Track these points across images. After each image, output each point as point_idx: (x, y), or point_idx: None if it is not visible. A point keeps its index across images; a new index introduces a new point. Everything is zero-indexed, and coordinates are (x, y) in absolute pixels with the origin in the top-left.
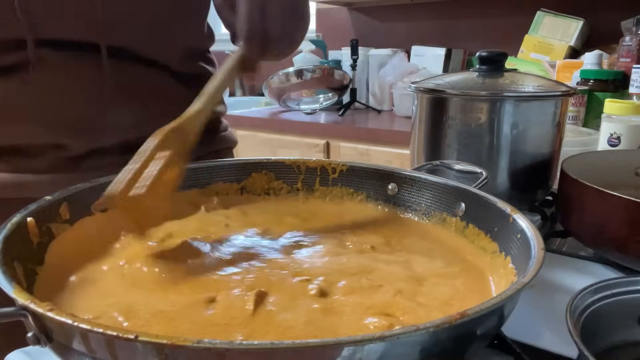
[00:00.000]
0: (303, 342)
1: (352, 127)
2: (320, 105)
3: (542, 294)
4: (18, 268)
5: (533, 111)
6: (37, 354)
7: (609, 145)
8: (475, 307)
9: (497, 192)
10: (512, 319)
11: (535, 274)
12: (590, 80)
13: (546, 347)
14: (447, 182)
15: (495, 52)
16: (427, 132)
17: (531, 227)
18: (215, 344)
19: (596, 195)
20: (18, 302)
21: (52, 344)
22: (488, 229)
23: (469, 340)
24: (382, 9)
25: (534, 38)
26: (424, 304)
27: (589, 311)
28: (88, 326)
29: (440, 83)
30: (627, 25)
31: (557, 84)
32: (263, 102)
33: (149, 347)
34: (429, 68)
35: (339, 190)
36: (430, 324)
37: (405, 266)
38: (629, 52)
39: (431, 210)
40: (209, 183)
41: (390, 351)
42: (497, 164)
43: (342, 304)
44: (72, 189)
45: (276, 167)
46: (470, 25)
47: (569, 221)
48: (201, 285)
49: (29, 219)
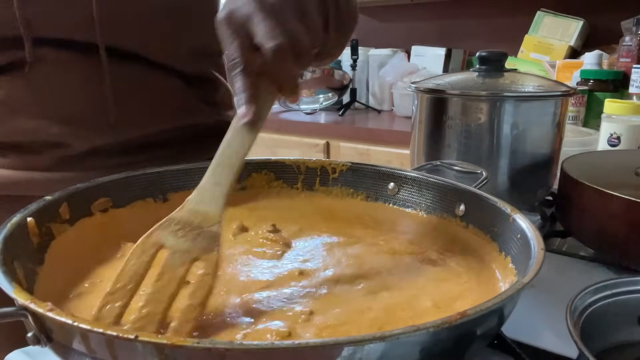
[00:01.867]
0: (303, 342)
1: (352, 127)
2: (320, 105)
3: (542, 294)
4: (18, 268)
5: (533, 111)
6: (37, 354)
7: (609, 145)
8: (476, 307)
9: (497, 192)
10: (512, 319)
11: (535, 274)
12: (590, 80)
13: (546, 347)
14: (447, 182)
15: (495, 52)
16: (427, 132)
17: (531, 227)
18: (215, 344)
19: (596, 195)
20: (18, 302)
21: (52, 344)
22: (488, 229)
23: (469, 340)
24: (382, 9)
25: (534, 38)
26: None
27: (589, 311)
28: (88, 326)
29: (440, 83)
30: (627, 25)
31: (557, 84)
32: None
33: (149, 347)
34: (429, 68)
35: (339, 190)
36: (430, 324)
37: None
38: (629, 52)
39: (431, 210)
40: None
41: (390, 351)
42: (497, 164)
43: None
44: (72, 189)
45: (276, 167)
46: (470, 25)
47: (569, 221)
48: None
49: (29, 219)
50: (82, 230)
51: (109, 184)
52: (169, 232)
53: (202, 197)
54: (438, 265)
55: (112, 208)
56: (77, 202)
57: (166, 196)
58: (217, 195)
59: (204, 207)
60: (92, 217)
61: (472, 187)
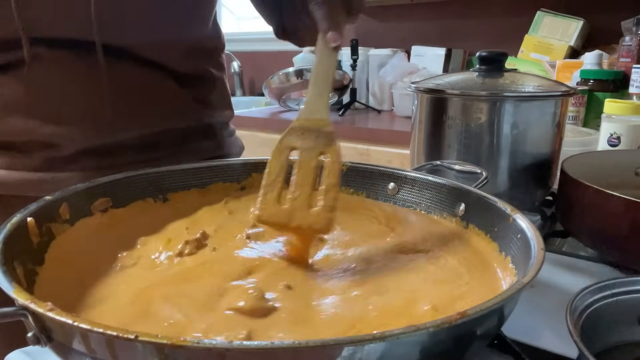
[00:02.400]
0: (303, 342)
1: (352, 127)
2: None
3: (542, 294)
4: (18, 268)
5: (533, 111)
6: (37, 354)
7: (609, 145)
8: (476, 307)
9: (497, 192)
10: (512, 319)
11: (535, 274)
12: (590, 80)
13: (546, 347)
14: (447, 182)
15: (495, 52)
16: (427, 132)
17: (531, 227)
18: (215, 344)
19: (596, 195)
20: (18, 302)
21: (52, 344)
22: (488, 229)
23: (469, 340)
24: (382, 9)
25: (534, 38)
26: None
27: (589, 311)
28: (88, 326)
29: (440, 83)
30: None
31: (557, 84)
32: (263, 102)
33: (149, 347)
34: (429, 68)
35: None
36: (430, 323)
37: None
38: (629, 52)
39: (431, 210)
40: (209, 183)
41: (390, 351)
42: (497, 164)
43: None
44: (72, 189)
45: None
46: (470, 25)
47: (569, 221)
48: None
49: (29, 219)
50: (82, 230)
51: (109, 184)
52: (295, 136)
53: (312, 107)
54: (438, 266)
55: (112, 208)
56: (77, 202)
57: (166, 196)
58: (323, 104)
59: (315, 115)
60: (92, 217)
61: (472, 187)
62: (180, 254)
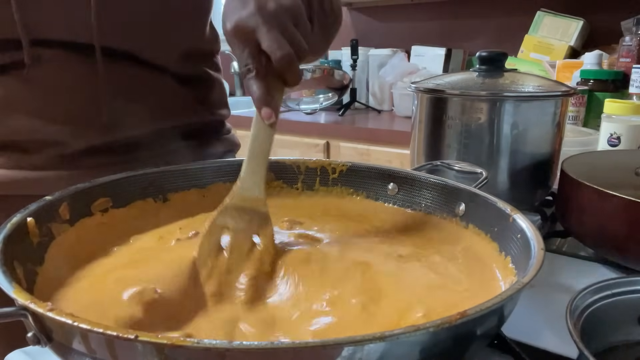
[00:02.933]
0: (303, 342)
1: (352, 127)
2: (320, 105)
3: (542, 294)
4: (18, 268)
5: (533, 111)
6: (37, 354)
7: (609, 145)
8: (476, 307)
9: (497, 192)
10: (512, 319)
11: (535, 274)
12: (590, 80)
13: (546, 347)
14: (447, 182)
15: (495, 52)
16: (427, 132)
17: (531, 227)
18: (215, 344)
19: (596, 195)
20: (18, 302)
21: (52, 344)
22: (488, 229)
23: (469, 340)
24: (382, 9)
25: (534, 38)
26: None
27: (589, 311)
28: (88, 326)
29: (440, 83)
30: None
31: (557, 84)
32: None
33: (149, 347)
34: (429, 68)
35: (339, 190)
36: (430, 324)
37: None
38: (629, 52)
39: (431, 210)
40: (209, 183)
41: (390, 351)
42: (497, 164)
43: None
44: (72, 189)
45: (276, 167)
46: (470, 25)
47: (569, 221)
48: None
49: (29, 219)
50: (82, 230)
51: (109, 184)
52: (228, 217)
53: (246, 185)
54: (437, 267)
55: (112, 208)
56: (77, 202)
57: (166, 196)
58: (257, 182)
59: (249, 194)
60: (92, 217)
61: (472, 187)
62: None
